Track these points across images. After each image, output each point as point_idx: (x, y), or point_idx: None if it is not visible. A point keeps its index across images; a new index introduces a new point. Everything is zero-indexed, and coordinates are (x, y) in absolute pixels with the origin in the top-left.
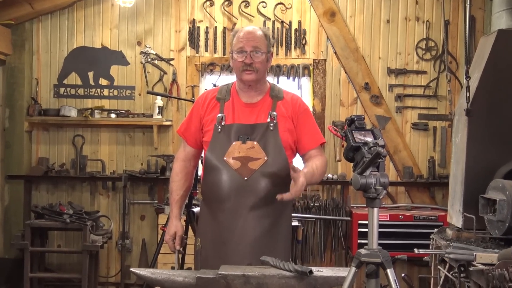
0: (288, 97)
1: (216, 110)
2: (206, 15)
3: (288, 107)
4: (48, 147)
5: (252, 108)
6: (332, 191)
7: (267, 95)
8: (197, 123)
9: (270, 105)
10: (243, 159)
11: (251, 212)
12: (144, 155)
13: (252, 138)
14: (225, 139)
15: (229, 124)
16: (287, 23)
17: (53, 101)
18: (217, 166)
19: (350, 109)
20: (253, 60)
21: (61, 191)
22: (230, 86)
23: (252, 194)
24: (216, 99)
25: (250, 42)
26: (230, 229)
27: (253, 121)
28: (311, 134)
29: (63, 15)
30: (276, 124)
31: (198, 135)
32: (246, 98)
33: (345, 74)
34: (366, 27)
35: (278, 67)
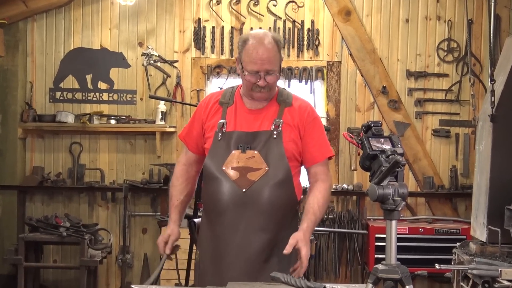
0: (297, 104)
1: (218, 116)
2: (212, 14)
3: (295, 116)
4: (43, 155)
5: (256, 115)
6: (347, 202)
7: (274, 100)
8: (199, 128)
9: (276, 112)
10: (242, 169)
11: (249, 226)
12: (146, 164)
13: (253, 147)
14: (224, 147)
15: (229, 132)
16: (299, 22)
17: (49, 106)
18: (216, 176)
19: (366, 114)
20: (267, 81)
21: (57, 202)
22: (235, 89)
23: (250, 207)
24: (219, 103)
25: (264, 65)
26: (228, 243)
27: (256, 128)
28: (317, 147)
29: (59, 14)
30: (280, 132)
31: (200, 141)
32: (251, 104)
33: (361, 77)
34: (383, 26)
35: (290, 69)
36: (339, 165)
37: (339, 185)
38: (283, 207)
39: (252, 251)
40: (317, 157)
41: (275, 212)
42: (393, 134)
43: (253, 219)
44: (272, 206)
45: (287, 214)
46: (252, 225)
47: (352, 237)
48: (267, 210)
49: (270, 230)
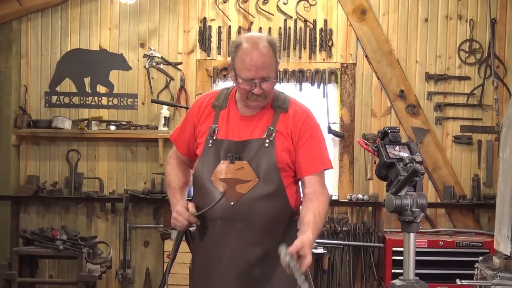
0: (293, 110)
1: (210, 120)
2: (218, 13)
3: (289, 123)
4: (38, 163)
5: (248, 122)
6: (363, 213)
7: (268, 105)
8: (191, 131)
9: (270, 118)
10: (230, 181)
11: (239, 240)
12: (148, 173)
13: (243, 156)
14: (214, 156)
15: (220, 139)
16: (311, 22)
17: (44, 111)
18: (205, 186)
19: (383, 120)
20: (263, 89)
21: (53, 213)
22: (229, 92)
23: (240, 221)
24: (212, 106)
25: (259, 72)
26: (217, 257)
27: (247, 136)
28: (310, 158)
29: (55, 13)
30: (273, 141)
31: (192, 144)
32: (244, 110)
33: (377, 80)
34: (401, 26)
35: (301, 72)
36: (353, 174)
37: (353, 195)
38: (276, 219)
39: (243, 266)
40: (308, 169)
41: (267, 224)
42: (411, 141)
43: (244, 233)
44: (263, 219)
45: (281, 226)
46: (242, 239)
47: (367, 250)
48: (258, 223)
49: (264, 243)
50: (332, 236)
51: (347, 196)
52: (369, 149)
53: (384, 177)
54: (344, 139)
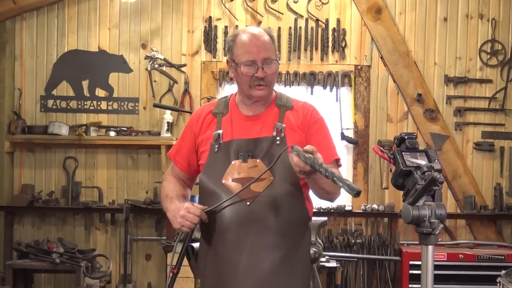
0: (298, 106)
1: (213, 127)
2: (225, 12)
3: (298, 117)
4: (33, 171)
5: (254, 121)
6: (378, 225)
7: (272, 104)
8: (191, 143)
9: (276, 116)
10: (244, 180)
11: (257, 244)
12: (149, 182)
13: (255, 155)
14: (223, 159)
15: (227, 141)
16: (323, 21)
17: (40, 116)
18: (214, 191)
19: (399, 125)
20: (266, 72)
21: (49, 225)
22: (229, 98)
23: (256, 222)
24: (213, 114)
25: (261, 53)
26: (233, 266)
27: (256, 135)
28: (322, 149)
29: (51, 11)
30: (284, 137)
31: (192, 158)
32: (248, 110)
33: (394, 84)
34: (419, 26)
35: (312, 74)
36: (368, 183)
37: (368, 205)
38: (294, 220)
39: (262, 272)
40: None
41: (285, 226)
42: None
43: (261, 236)
44: (281, 220)
45: (298, 229)
46: (260, 242)
47: (383, 264)
48: (276, 224)
49: (282, 247)
50: (346, 249)
51: (362, 206)
52: (385, 156)
53: (400, 186)
54: (358, 146)
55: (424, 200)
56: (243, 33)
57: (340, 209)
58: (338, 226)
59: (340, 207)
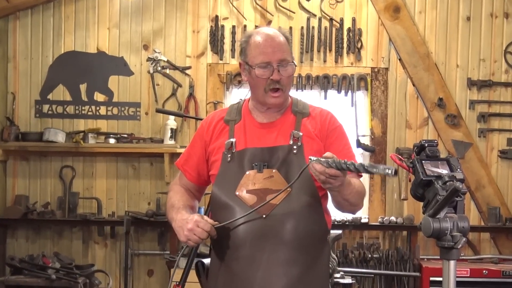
0: (316, 113)
1: (225, 135)
2: (232, 11)
3: (316, 124)
4: (27, 181)
5: (269, 129)
6: (396, 238)
7: (288, 111)
8: (201, 152)
9: (293, 123)
10: (259, 192)
11: (273, 260)
12: (152, 192)
13: (271, 164)
14: (236, 169)
15: (241, 150)
16: (337, 21)
17: (35, 122)
18: (227, 204)
19: (419, 132)
20: (281, 75)
21: (44, 238)
22: (241, 105)
23: (273, 236)
24: (224, 122)
25: (276, 54)
26: (247, 283)
27: (271, 143)
28: (342, 157)
29: (47, 10)
30: (301, 146)
31: (203, 167)
32: (262, 117)
33: (413, 87)
34: (440, 26)
35: (326, 78)
36: (386, 194)
37: (386, 217)
38: (312, 234)
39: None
40: None
41: (302, 240)
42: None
43: (277, 251)
44: (298, 234)
45: (316, 243)
46: (276, 258)
47: (402, 280)
48: (293, 238)
49: (300, 263)
50: (362, 264)
51: (379, 218)
52: (404, 165)
53: (420, 197)
54: (375, 154)
55: (446, 212)
56: (258, 34)
57: (356, 222)
58: (354, 240)
59: (356, 220)
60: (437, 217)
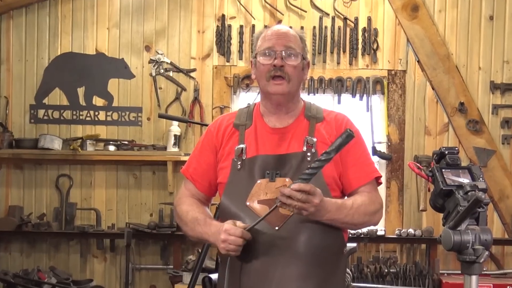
0: (331, 117)
1: (235, 141)
2: (240, 10)
3: (331, 130)
4: (22, 191)
5: (282, 134)
6: (414, 252)
7: (301, 116)
8: (211, 160)
9: (306, 129)
10: (272, 202)
11: (286, 274)
12: (154, 203)
13: (283, 173)
14: (247, 178)
15: (252, 157)
16: (352, 20)
17: (29, 128)
18: (238, 215)
19: (438, 139)
20: (285, 62)
21: (40, 252)
22: (252, 108)
23: (286, 250)
24: (234, 126)
25: (281, 40)
26: None
27: (284, 150)
28: (360, 166)
29: (42, 9)
30: (316, 153)
31: (213, 177)
32: (274, 122)
33: (432, 91)
34: (461, 26)
35: (340, 81)
36: (403, 204)
37: (403, 230)
38: (327, 247)
39: None
40: (360, 178)
41: (317, 254)
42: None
43: (290, 265)
44: (313, 247)
45: (332, 256)
46: (290, 272)
47: None
48: (308, 252)
49: (314, 278)
50: (378, 279)
51: (396, 231)
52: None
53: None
54: (392, 162)
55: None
56: (268, 29)
57: (372, 234)
58: (369, 254)
59: (372, 232)
60: (458, 229)
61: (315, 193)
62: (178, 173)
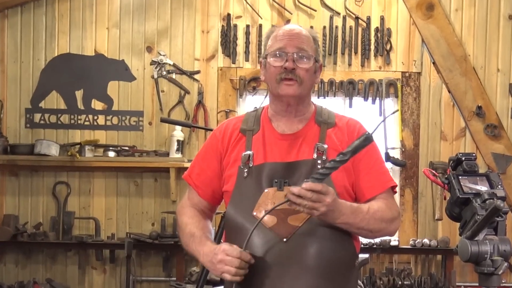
0: (342, 123)
1: (241, 147)
2: (246, 9)
3: (343, 136)
4: (17, 199)
5: (291, 140)
6: (430, 263)
7: (311, 121)
8: (216, 166)
9: (317, 135)
10: (280, 212)
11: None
12: (156, 212)
13: (292, 182)
14: (254, 187)
15: (259, 165)
16: (363, 20)
17: (25, 133)
18: (243, 226)
19: (455, 144)
20: (297, 65)
21: (36, 263)
22: (260, 112)
23: (295, 262)
24: (241, 131)
25: (293, 41)
26: None
27: (293, 157)
28: (374, 174)
29: (39, 8)
30: (326, 160)
31: (217, 184)
32: (283, 127)
33: (448, 94)
34: (478, 25)
35: (351, 83)
36: (418, 213)
37: (418, 240)
38: (339, 260)
39: None
40: (375, 188)
41: (328, 267)
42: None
43: (300, 279)
44: (323, 259)
45: (343, 269)
46: (299, 286)
47: None
48: (318, 265)
49: None
50: None
51: (410, 241)
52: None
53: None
54: (406, 168)
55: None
56: (280, 28)
57: (384, 245)
58: (382, 265)
59: (384, 242)
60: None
61: (328, 192)
62: (181, 180)
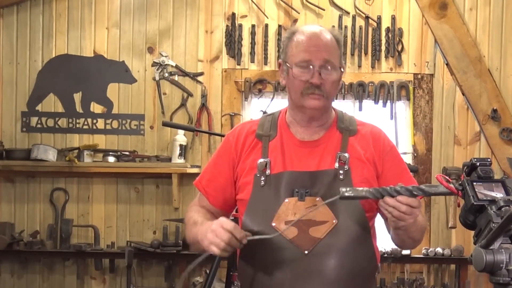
0: (366, 130)
1: (257, 153)
2: (252, 8)
3: (367, 145)
4: (13, 206)
5: (311, 148)
6: (443, 273)
7: (333, 127)
8: (229, 173)
9: (338, 143)
10: (301, 223)
11: None
12: (158, 219)
13: (314, 192)
14: (272, 196)
15: (277, 174)
16: (374, 19)
17: (21, 138)
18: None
19: (469, 149)
20: (323, 79)
21: (33, 273)
22: (277, 117)
23: (316, 276)
24: (257, 137)
25: (320, 53)
26: None
27: (314, 167)
28: (406, 184)
29: (35, 7)
30: (349, 170)
31: (230, 191)
32: (302, 134)
33: (462, 97)
34: (494, 25)
35: (361, 85)
36: (431, 221)
37: (430, 249)
38: (360, 273)
39: None
40: None
41: (350, 280)
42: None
43: None
44: (345, 273)
45: (365, 283)
46: None
47: None
48: (339, 278)
49: None
50: None
51: (422, 250)
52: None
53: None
54: (418, 174)
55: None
56: (302, 30)
57: (396, 254)
58: (393, 275)
59: (396, 251)
60: (490, 248)
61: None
62: (184, 186)
